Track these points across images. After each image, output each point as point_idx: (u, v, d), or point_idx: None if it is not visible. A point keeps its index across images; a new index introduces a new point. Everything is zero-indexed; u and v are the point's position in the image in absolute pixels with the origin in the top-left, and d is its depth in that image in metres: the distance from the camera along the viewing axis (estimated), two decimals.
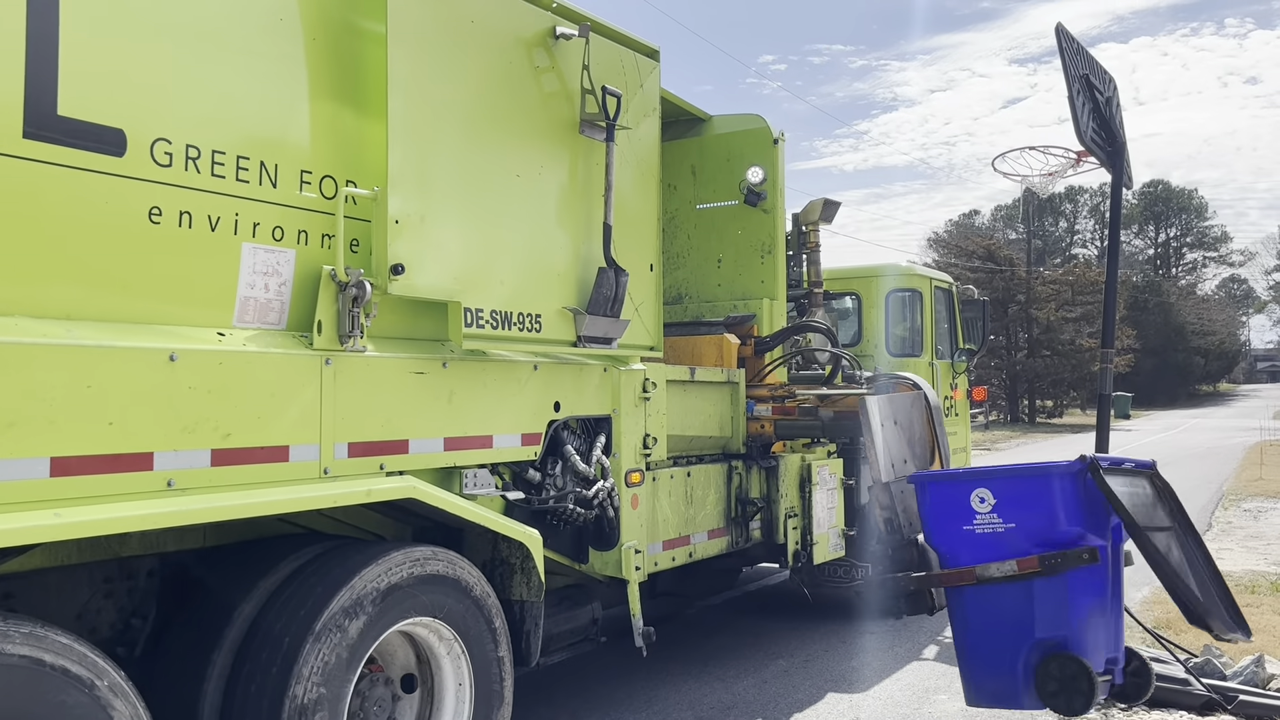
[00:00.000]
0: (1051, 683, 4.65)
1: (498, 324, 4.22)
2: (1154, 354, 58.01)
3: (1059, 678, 4.63)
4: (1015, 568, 4.77)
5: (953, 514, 4.93)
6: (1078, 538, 4.73)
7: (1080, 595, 4.73)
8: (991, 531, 4.85)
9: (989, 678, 4.87)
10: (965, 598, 4.88)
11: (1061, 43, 5.73)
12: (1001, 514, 4.83)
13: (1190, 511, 5.48)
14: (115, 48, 3.09)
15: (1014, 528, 4.82)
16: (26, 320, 2.86)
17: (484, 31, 4.20)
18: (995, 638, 4.79)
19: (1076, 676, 4.63)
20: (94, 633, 3.38)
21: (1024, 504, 4.80)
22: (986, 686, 4.91)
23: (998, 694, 4.90)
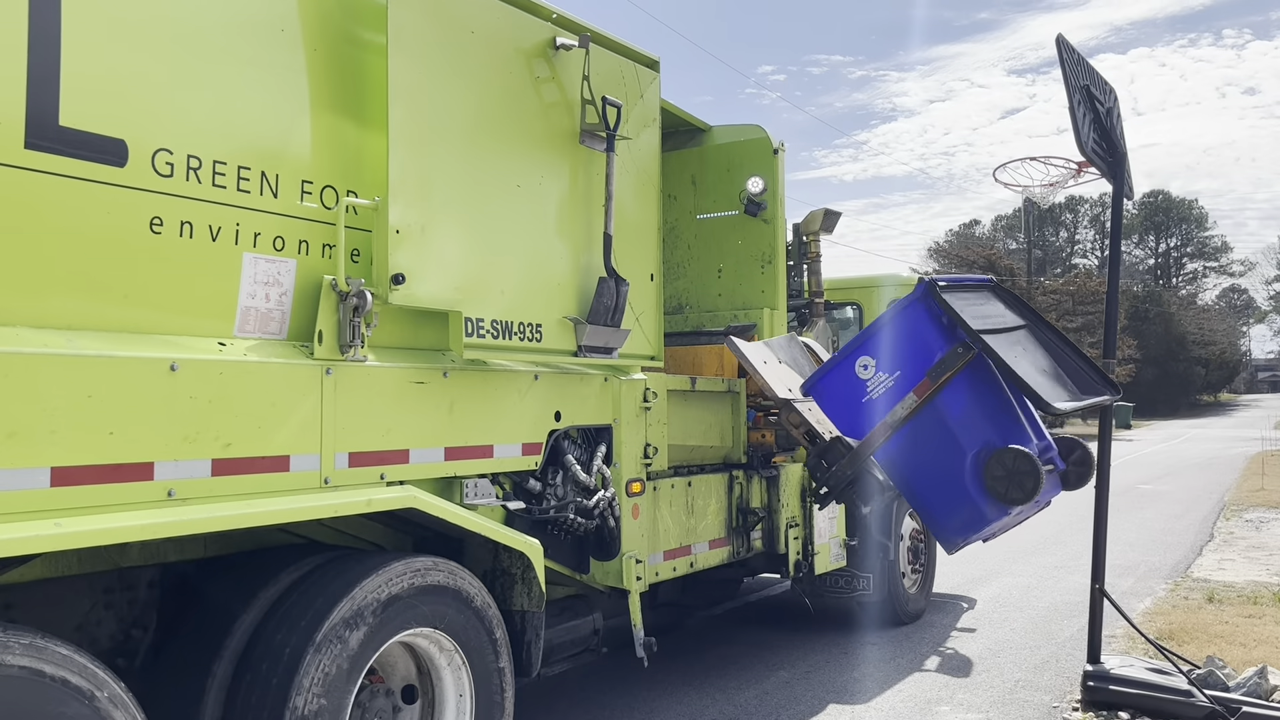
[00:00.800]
0: (999, 480, 4.97)
1: (498, 334, 4.22)
2: (1155, 364, 57.95)
3: (1003, 471, 4.94)
4: (915, 397, 5.15)
5: (848, 395, 5.29)
6: (943, 349, 5.16)
7: (983, 397, 5.15)
8: (886, 390, 5.27)
9: (951, 514, 5.18)
10: (895, 455, 5.20)
11: (1062, 53, 5.73)
12: (885, 369, 5.26)
13: (1192, 522, 5.63)
14: (116, 58, 3.10)
15: (900, 374, 5.23)
16: (28, 330, 2.86)
17: (484, 42, 4.21)
18: (937, 475, 5.13)
19: (1017, 462, 4.97)
20: (94, 643, 3.37)
21: (896, 349, 5.21)
22: (953, 523, 5.20)
23: (966, 524, 5.19)
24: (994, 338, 5.06)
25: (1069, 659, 6.89)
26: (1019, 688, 6.33)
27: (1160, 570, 10.48)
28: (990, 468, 4.95)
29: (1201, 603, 8.78)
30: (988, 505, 5.03)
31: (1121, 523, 13.43)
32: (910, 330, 5.25)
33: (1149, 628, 7.32)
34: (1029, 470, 4.91)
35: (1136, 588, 9.52)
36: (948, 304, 5.06)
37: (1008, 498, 4.94)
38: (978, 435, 5.10)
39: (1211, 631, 7.62)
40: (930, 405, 5.08)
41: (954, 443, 5.12)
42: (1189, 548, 11.95)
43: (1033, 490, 4.90)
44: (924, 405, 5.09)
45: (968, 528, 5.21)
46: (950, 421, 5.10)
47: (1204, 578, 10.02)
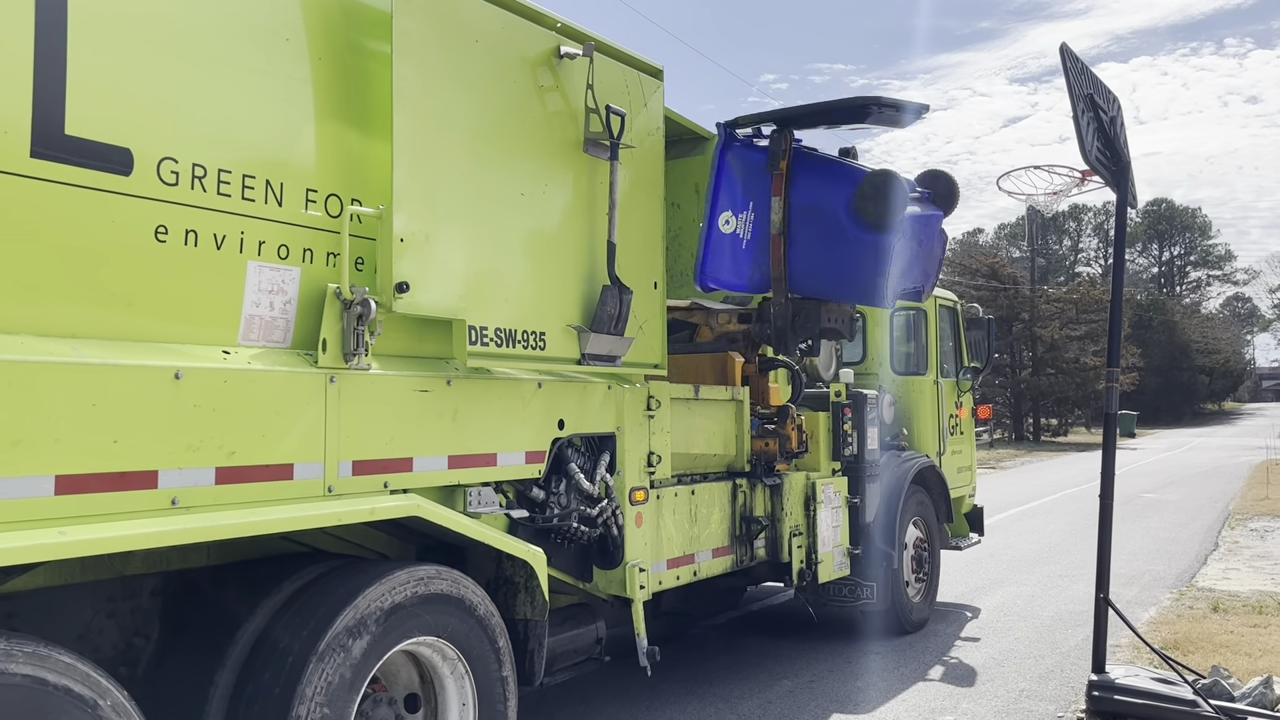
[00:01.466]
0: (870, 206, 5.49)
1: (502, 342, 4.22)
2: (1159, 372, 57.91)
3: (870, 197, 5.49)
4: (777, 199, 5.79)
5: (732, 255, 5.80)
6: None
7: (820, 166, 5.90)
8: (752, 224, 5.92)
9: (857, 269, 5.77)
10: (796, 264, 5.78)
11: (1066, 62, 5.74)
12: (740, 210, 5.84)
13: (1196, 531, 5.66)
14: (122, 68, 3.11)
15: (753, 202, 5.89)
16: (32, 339, 2.86)
17: (489, 51, 4.22)
18: (827, 249, 5.64)
19: (877, 182, 5.53)
20: (97, 652, 3.36)
21: (735, 189, 5.79)
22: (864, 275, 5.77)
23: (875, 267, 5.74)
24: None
25: (1073, 668, 6.87)
26: (1023, 697, 6.31)
27: (1165, 579, 10.45)
28: (860, 205, 5.46)
29: (1206, 612, 8.75)
30: (878, 236, 5.53)
31: (1126, 532, 13.40)
32: (734, 168, 5.87)
33: (1154, 637, 7.30)
34: (890, 181, 5.47)
35: (1141, 597, 9.50)
36: (742, 120, 5.75)
37: (887, 216, 5.44)
38: (834, 195, 5.66)
39: (1217, 641, 7.60)
40: (793, 206, 5.67)
41: (817, 212, 5.72)
42: (1194, 557, 11.92)
43: (903, 197, 5.47)
44: (788, 203, 5.67)
45: (878, 270, 5.72)
46: (806, 200, 5.72)
47: (1209, 587, 9.99)
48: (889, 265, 5.69)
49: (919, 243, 5.97)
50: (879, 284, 5.79)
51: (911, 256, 5.97)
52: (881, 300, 5.88)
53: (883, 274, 5.74)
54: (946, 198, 6.24)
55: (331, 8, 3.77)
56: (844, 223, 5.60)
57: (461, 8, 4.10)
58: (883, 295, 5.87)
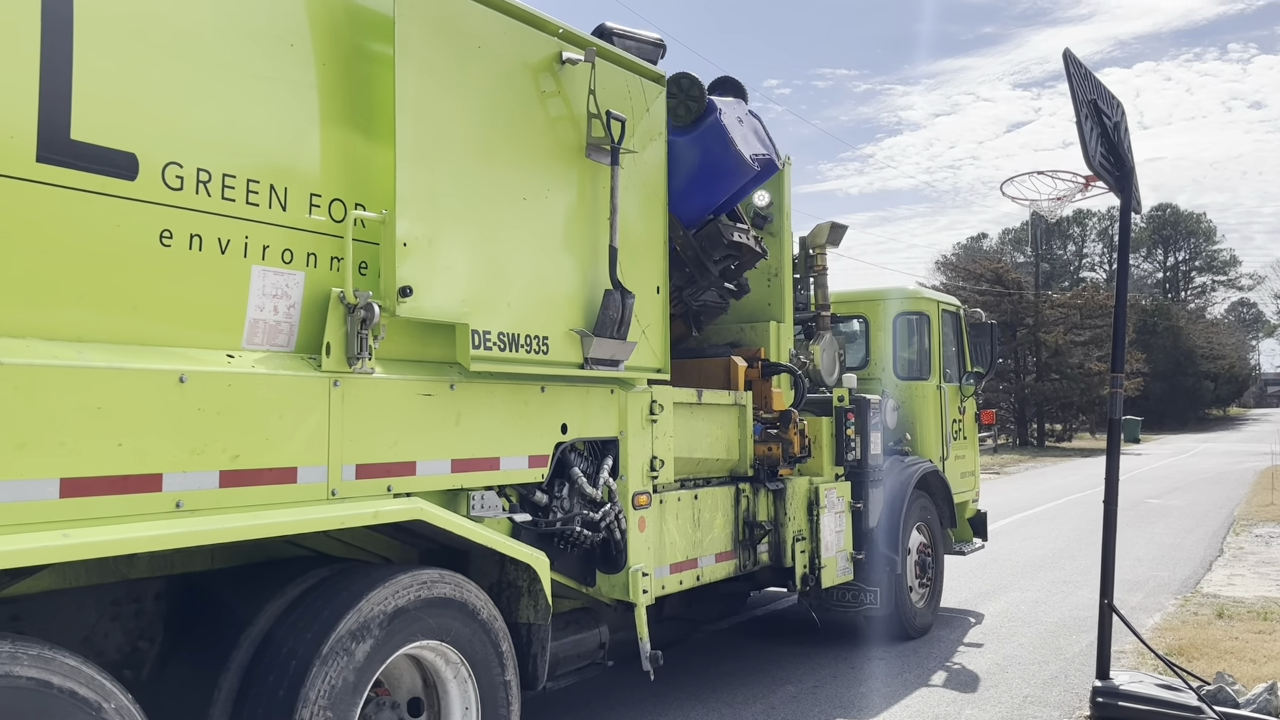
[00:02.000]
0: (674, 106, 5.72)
1: (505, 346, 4.23)
2: (1163, 378, 57.80)
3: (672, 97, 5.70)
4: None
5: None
6: None
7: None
8: None
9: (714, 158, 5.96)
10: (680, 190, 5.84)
11: (1069, 68, 5.74)
12: None
13: (1201, 537, 5.62)
14: (127, 73, 3.13)
15: None
16: (37, 342, 2.88)
17: (491, 56, 4.24)
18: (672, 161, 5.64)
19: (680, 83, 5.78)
20: (101, 655, 3.37)
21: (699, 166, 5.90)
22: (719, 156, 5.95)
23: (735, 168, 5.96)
24: None
25: (1077, 675, 6.86)
26: (1027, 704, 6.30)
27: (1169, 585, 10.43)
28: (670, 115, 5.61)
29: (1211, 618, 8.73)
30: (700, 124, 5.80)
31: (1130, 537, 13.37)
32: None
33: (1158, 643, 7.28)
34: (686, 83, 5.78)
35: (1146, 603, 9.48)
36: None
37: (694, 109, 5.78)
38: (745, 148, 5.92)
39: (1221, 647, 7.58)
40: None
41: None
42: (1198, 563, 11.89)
43: (700, 89, 5.81)
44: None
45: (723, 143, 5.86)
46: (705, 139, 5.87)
47: (1214, 593, 9.97)
48: (728, 135, 5.87)
49: (740, 120, 6.12)
50: (734, 154, 5.94)
51: (743, 130, 6.13)
52: (747, 167, 6.00)
53: (729, 144, 5.90)
54: (739, 91, 6.47)
55: (335, 13, 3.78)
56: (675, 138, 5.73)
57: (464, 13, 4.12)
58: (744, 162, 6.01)
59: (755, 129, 6.31)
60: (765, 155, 6.15)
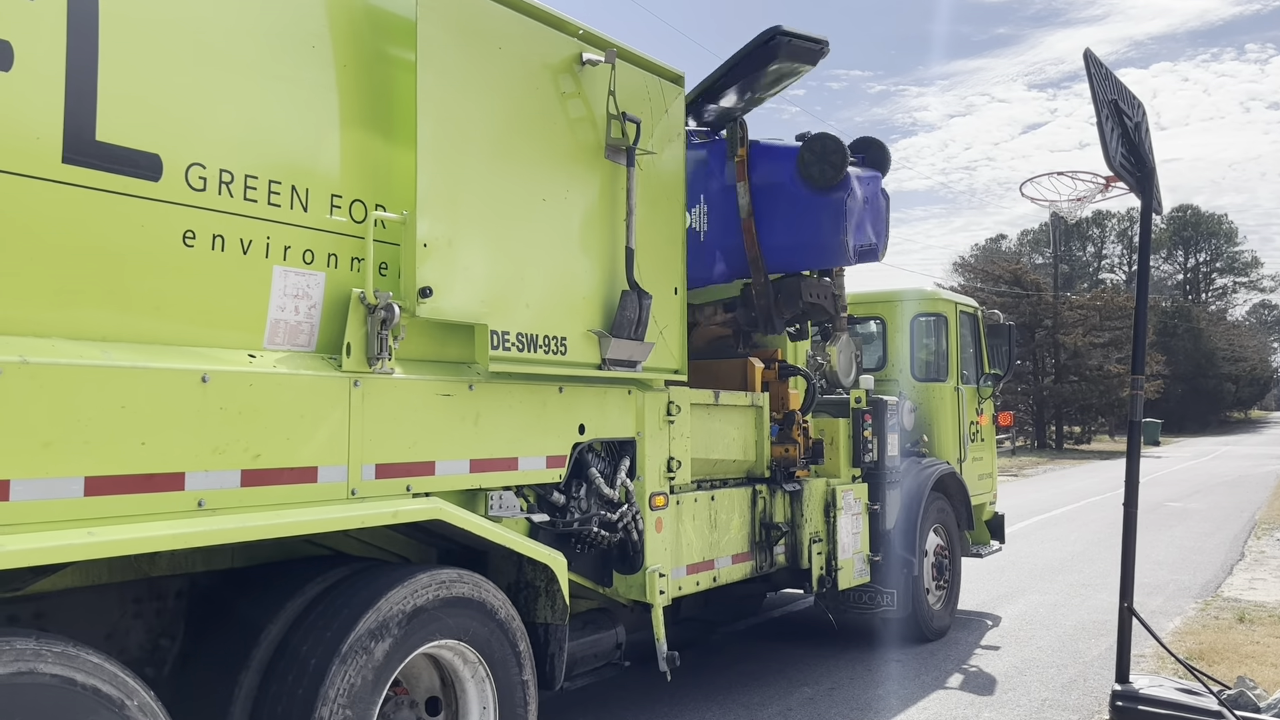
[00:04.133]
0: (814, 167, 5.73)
1: (523, 346, 4.24)
2: (1184, 380, 57.39)
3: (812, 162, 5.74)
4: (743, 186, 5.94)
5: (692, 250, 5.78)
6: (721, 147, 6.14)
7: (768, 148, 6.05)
8: (707, 216, 6.18)
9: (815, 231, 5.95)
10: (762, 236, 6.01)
11: (1090, 68, 5.71)
12: (691, 206, 5.97)
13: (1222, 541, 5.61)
14: (152, 74, 3.15)
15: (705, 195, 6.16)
16: (63, 342, 2.91)
17: (512, 58, 4.25)
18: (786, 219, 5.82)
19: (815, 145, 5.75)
20: (123, 652, 3.40)
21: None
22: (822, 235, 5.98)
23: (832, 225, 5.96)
24: None
25: (1096, 678, 6.82)
26: (1045, 707, 6.27)
27: (1190, 589, 10.36)
28: (804, 169, 5.70)
29: (1232, 622, 8.66)
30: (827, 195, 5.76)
31: (1150, 541, 13.28)
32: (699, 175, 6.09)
33: (1178, 647, 7.23)
34: (828, 142, 5.71)
35: (1165, 606, 9.41)
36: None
37: (834, 175, 5.67)
38: (781, 168, 5.90)
39: (1242, 651, 7.52)
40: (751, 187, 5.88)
41: (774, 187, 5.93)
42: (1219, 566, 11.80)
43: (840, 152, 5.70)
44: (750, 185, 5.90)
45: (836, 225, 5.91)
46: (762, 180, 5.93)
47: (1234, 597, 9.89)
48: (844, 221, 5.93)
49: (865, 200, 6.15)
50: (840, 241, 6.02)
51: (861, 214, 6.17)
52: (845, 257, 6.10)
53: (840, 230, 5.97)
54: (880, 160, 6.48)
55: (357, 15, 3.81)
56: (797, 191, 5.84)
57: (485, 15, 4.13)
58: (845, 252, 6.10)
59: (877, 211, 6.34)
60: (870, 246, 6.25)
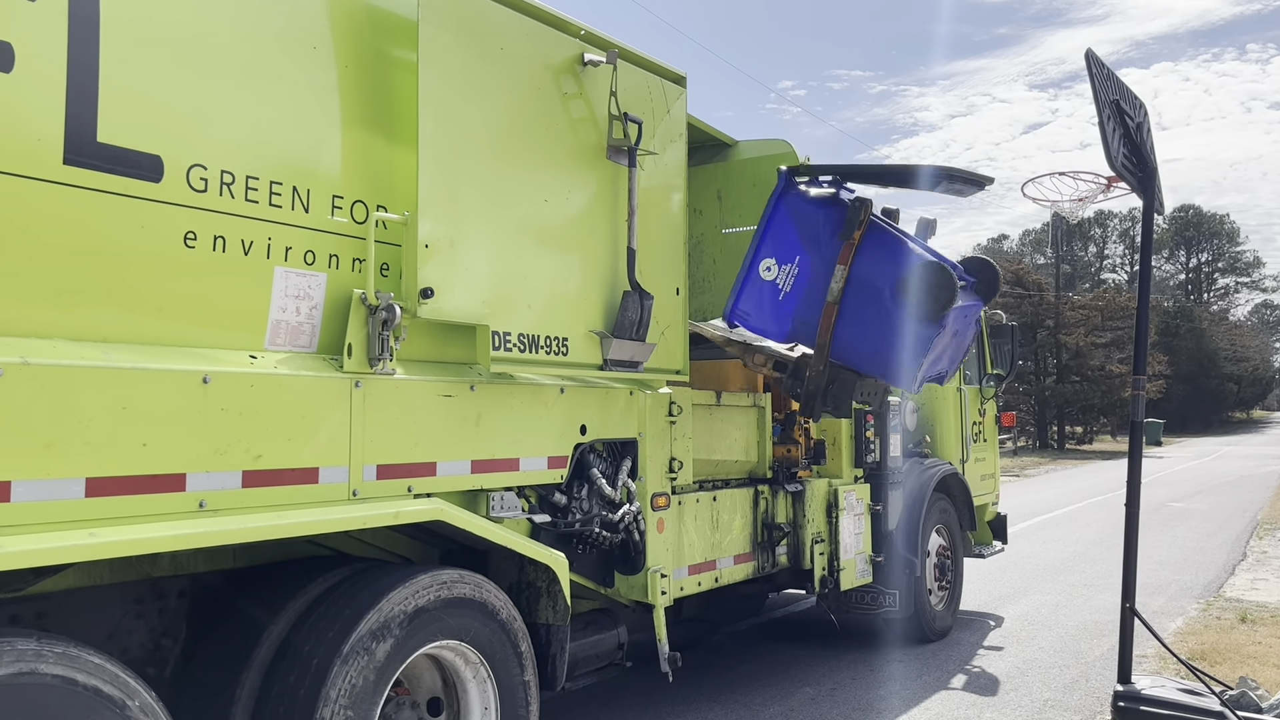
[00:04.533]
0: (921, 299, 5.37)
1: (525, 347, 4.24)
2: (1186, 380, 57.35)
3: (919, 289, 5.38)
4: (843, 269, 5.49)
5: (767, 302, 5.59)
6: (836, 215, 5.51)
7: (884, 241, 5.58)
8: (794, 278, 5.65)
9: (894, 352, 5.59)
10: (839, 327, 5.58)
11: (1091, 68, 5.70)
12: (786, 261, 5.60)
13: (1224, 541, 5.65)
14: (153, 76, 3.15)
15: (800, 258, 5.61)
16: (64, 343, 2.91)
17: (514, 58, 4.25)
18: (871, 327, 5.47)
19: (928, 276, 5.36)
20: (125, 653, 3.40)
21: (787, 239, 5.54)
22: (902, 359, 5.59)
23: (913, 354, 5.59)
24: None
25: (1098, 679, 6.81)
26: (1047, 707, 6.26)
27: (1192, 589, 10.34)
28: (910, 294, 5.36)
29: (1234, 623, 8.65)
30: (921, 326, 5.41)
31: (1152, 541, 13.27)
32: (790, 216, 5.61)
33: (1180, 648, 7.22)
34: (940, 277, 5.33)
35: (1168, 607, 9.40)
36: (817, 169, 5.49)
37: (935, 310, 5.30)
38: (890, 275, 5.48)
39: (1244, 652, 7.51)
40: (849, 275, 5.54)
41: (874, 293, 5.52)
42: (1221, 567, 11.79)
43: (951, 293, 5.29)
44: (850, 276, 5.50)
45: (915, 356, 5.59)
46: (865, 275, 5.50)
47: (1236, 597, 9.88)
48: (926, 354, 5.60)
49: (955, 332, 5.83)
50: (912, 369, 5.68)
51: (945, 346, 5.85)
52: (910, 384, 5.79)
53: (918, 361, 5.64)
54: (988, 287, 6.04)
55: (358, 16, 3.81)
56: (892, 307, 5.44)
57: (486, 16, 4.13)
58: (912, 379, 5.79)
59: (962, 342, 6.09)
60: (940, 374, 6.02)
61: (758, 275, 5.71)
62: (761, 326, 5.87)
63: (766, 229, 5.73)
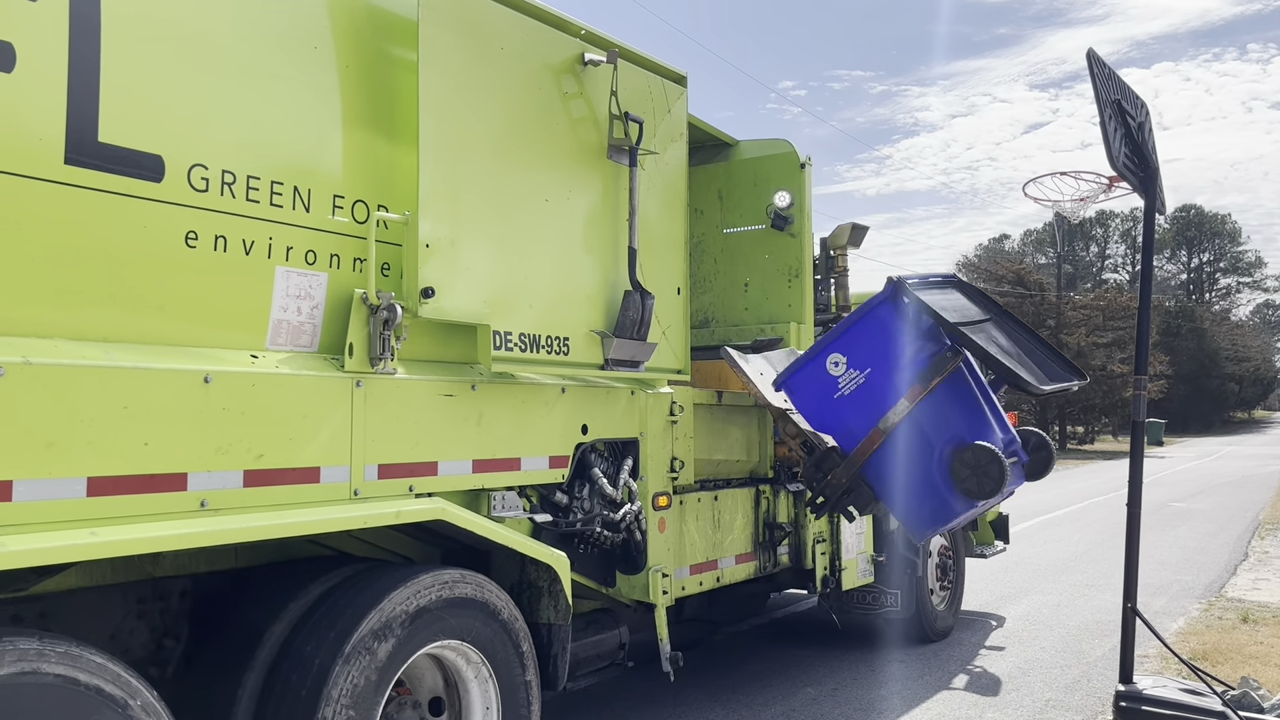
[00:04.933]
0: (966, 477, 5.05)
1: (526, 347, 4.24)
2: (1187, 380, 57.32)
3: (969, 469, 5.04)
4: (908, 404, 5.14)
5: (820, 391, 5.33)
6: (925, 351, 5.14)
7: (957, 395, 5.21)
8: (857, 387, 5.29)
9: (921, 507, 5.25)
10: (879, 454, 5.26)
11: (1093, 68, 5.69)
12: (856, 366, 5.27)
13: (1225, 541, 5.64)
14: (154, 76, 3.15)
15: (871, 371, 5.25)
16: (65, 342, 2.91)
17: (514, 58, 4.25)
18: (908, 471, 5.17)
19: (981, 458, 5.04)
20: (127, 653, 3.40)
21: (868, 346, 5.21)
22: (923, 515, 5.29)
23: (935, 515, 5.30)
24: (965, 328, 5.19)
25: (1100, 679, 6.80)
26: (1049, 707, 6.26)
27: (1193, 590, 10.34)
28: (957, 465, 5.07)
29: (1236, 623, 8.65)
30: (956, 500, 5.16)
31: (1154, 541, 13.26)
32: (881, 328, 5.32)
33: (1182, 648, 7.22)
34: (994, 466, 5.04)
35: (1169, 607, 9.39)
36: (923, 302, 5.14)
37: (975, 493, 5.07)
38: (948, 431, 5.20)
39: (1246, 652, 7.51)
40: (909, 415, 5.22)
41: (925, 440, 5.23)
42: (1223, 567, 11.78)
43: (998, 484, 5.03)
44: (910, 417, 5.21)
45: (936, 520, 5.39)
46: (923, 420, 5.20)
47: (1238, 597, 9.87)
48: (948, 523, 5.44)
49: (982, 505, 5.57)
50: (928, 528, 5.51)
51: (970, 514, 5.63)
52: (919, 537, 5.63)
53: (936, 525, 5.50)
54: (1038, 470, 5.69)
55: (359, 16, 3.81)
56: (937, 465, 5.17)
57: (487, 15, 4.13)
58: (922, 534, 5.63)
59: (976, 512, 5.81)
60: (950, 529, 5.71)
61: (823, 364, 5.43)
62: (804, 408, 5.60)
63: (851, 327, 5.44)
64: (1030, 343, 5.63)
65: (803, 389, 5.52)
